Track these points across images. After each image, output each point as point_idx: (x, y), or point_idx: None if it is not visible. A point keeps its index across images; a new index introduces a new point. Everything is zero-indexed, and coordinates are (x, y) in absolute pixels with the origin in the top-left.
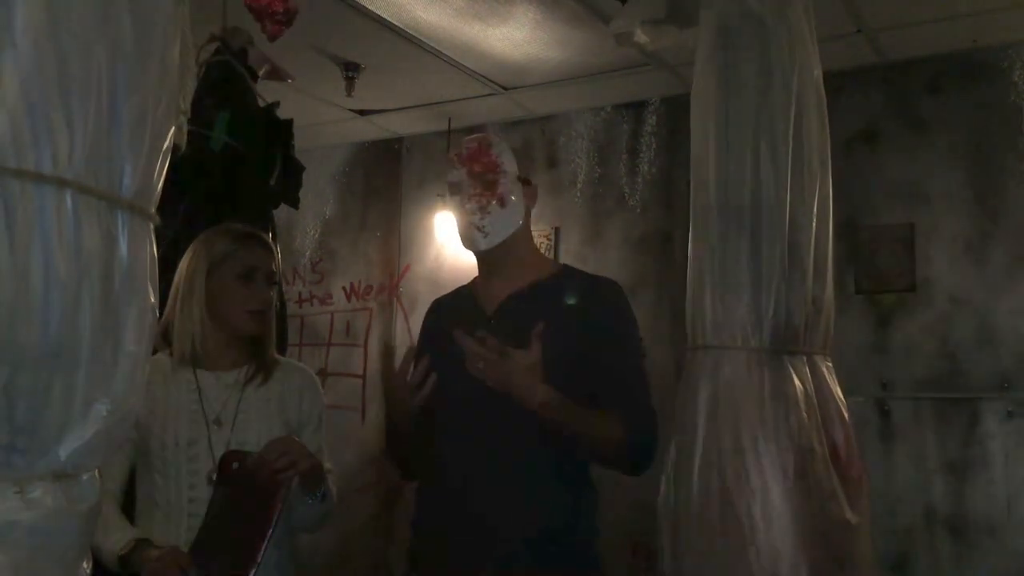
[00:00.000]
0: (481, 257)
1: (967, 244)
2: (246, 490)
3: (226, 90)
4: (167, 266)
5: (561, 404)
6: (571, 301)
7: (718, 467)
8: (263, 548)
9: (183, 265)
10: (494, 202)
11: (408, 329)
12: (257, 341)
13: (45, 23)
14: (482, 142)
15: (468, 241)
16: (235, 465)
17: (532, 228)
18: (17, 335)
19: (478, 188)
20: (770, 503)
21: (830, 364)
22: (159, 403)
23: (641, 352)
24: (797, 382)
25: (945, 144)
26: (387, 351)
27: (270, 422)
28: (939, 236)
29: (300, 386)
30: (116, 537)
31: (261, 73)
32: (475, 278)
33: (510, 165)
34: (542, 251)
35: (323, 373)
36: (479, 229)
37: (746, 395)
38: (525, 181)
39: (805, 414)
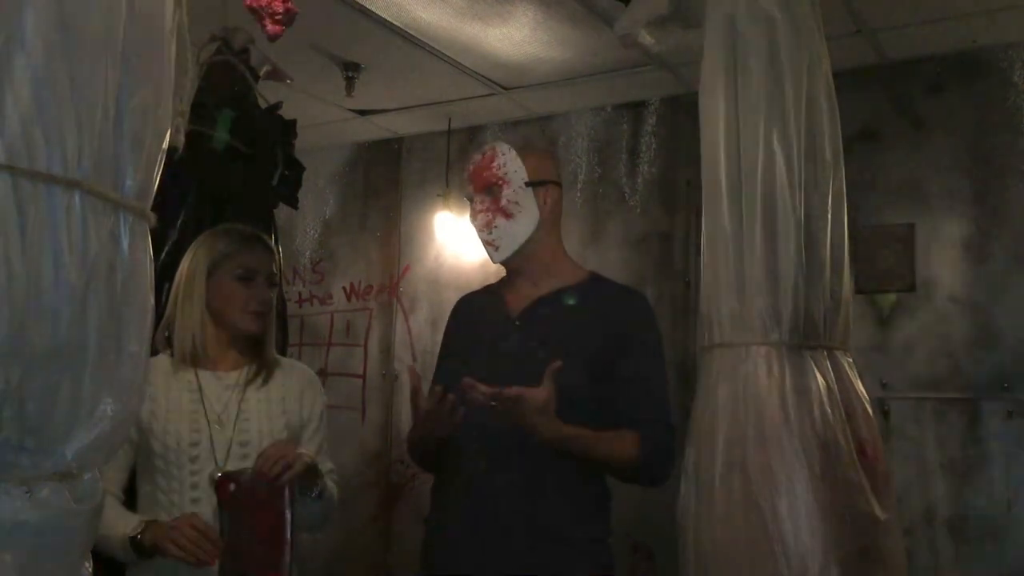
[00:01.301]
0: (503, 264)
1: (967, 244)
2: (251, 508)
3: (228, 90)
4: (171, 268)
5: (570, 437)
6: (597, 310)
7: (741, 465)
8: (286, 559)
9: (183, 266)
10: (498, 215)
11: (408, 329)
12: (257, 342)
13: (55, 25)
14: (487, 154)
15: (487, 254)
16: (232, 487)
17: None
18: (30, 336)
19: (485, 203)
20: (796, 498)
21: (851, 360)
22: (160, 404)
23: (664, 367)
24: (819, 376)
25: (945, 144)
26: (414, 380)
27: (272, 422)
28: (939, 236)
29: (301, 386)
30: (124, 523)
31: (262, 74)
32: (504, 277)
33: (516, 173)
34: None
35: (323, 373)
36: (490, 244)
37: (767, 391)
38: (543, 183)
39: (828, 408)
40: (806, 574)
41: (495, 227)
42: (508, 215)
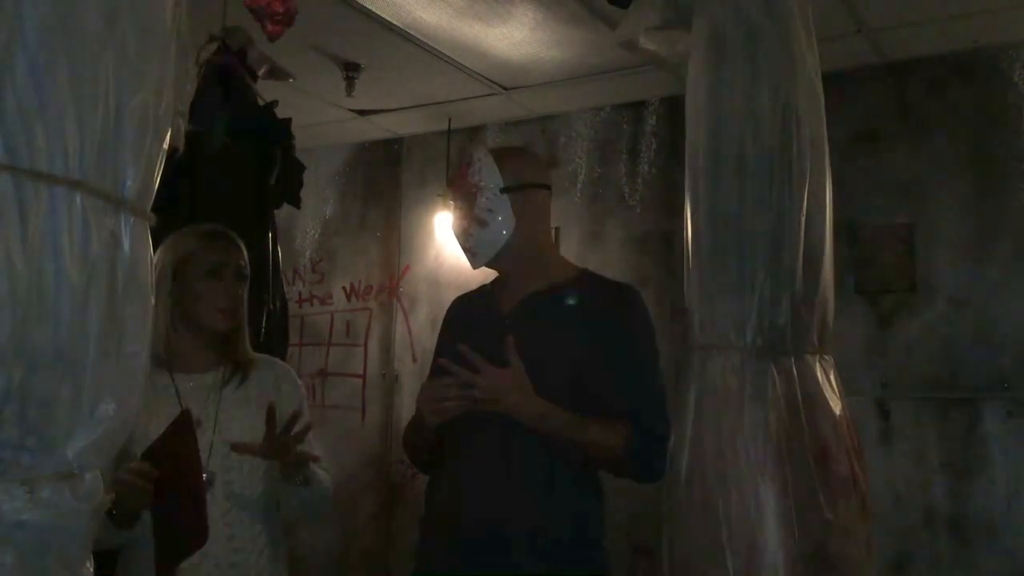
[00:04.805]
0: (487, 267)
1: (967, 244)
2: (162, 458)
3: (226, 91)
4: None
5: (557, 416)
6: (588, 305)
7: (701, 467)
8: (202, 492)
9: None
10: (473, 224)
11: (408, 329)
12: (230, 340)
13: (56, 25)
14: (463, 161)
15: (468, 260)
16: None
17: None
18: (31, 336)
19: (462, 210)
20: (746, 501)
21: (828, 362)
22: None
23: (658, 360)
24: (779, 382)
25: (945, 144)
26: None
27: (252, 420)
28: (939, 236)
29: (276, 378)
30: None
31: (261, 73)
32: (497, 276)
33: (490, 181)
34: None
35: (323, 373)
36: (468, 250)
37: (727, 396)
38: (520, 188)
39: (786, 414)
40: (753, 574)
41: (471, 235)
42: (482, 223)
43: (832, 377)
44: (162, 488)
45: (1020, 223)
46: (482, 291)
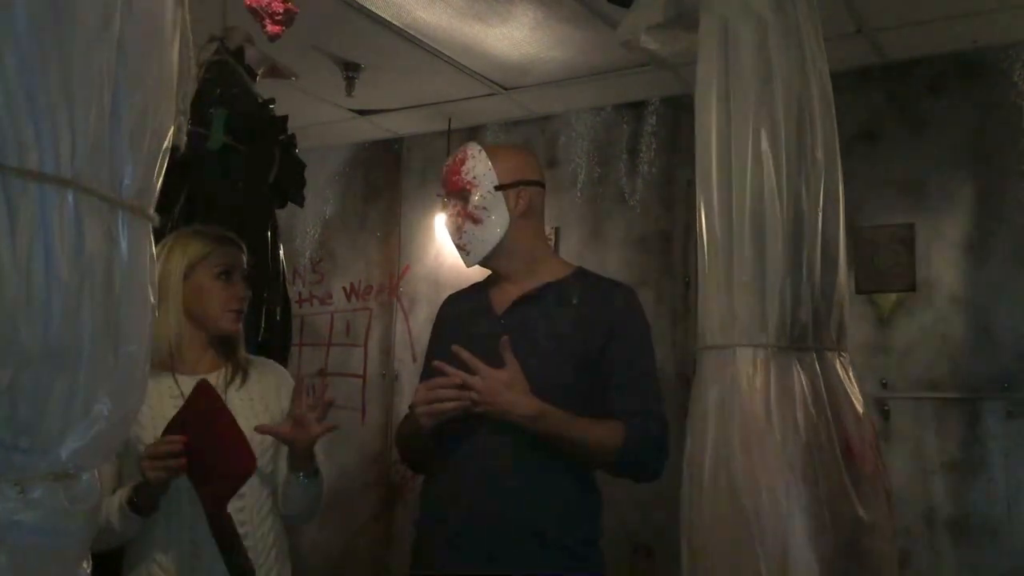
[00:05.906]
0: (480, 265)
1: (967, 244)
2: (200, 423)
3: (224, 90)
4: None
5: (553, 416)
6: (583, 305)
7: (727, 466)
8: (240, 430)
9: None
10: (467, 221)
11: (408, 329)
12: (231, 341)
13: (48, 21)
14: (457, 157)
15: (462, 258)
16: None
17: None
18: (20, 335)
19: (456, 207)
20: (777, 499)
21: (845, 359)
22: (144, 412)
23: (654, 359)
24: (804, 379)
25: (945, 144)
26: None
27: (257, 420)
28: (939, 236)
29: (277, 382)
30: (115, 496)
31: (260, 72)
32: (490, 275)
33: (485, 177)
34: None
35: (323, 373)
36: (461, 248)
37: (752, 393)
38: (514, 185)
39: (813, 410)
40: (786, 573)
41: (465, 232)
42: (476, 220)
43: (851, 374)
44: (192, 445)
45: (1020, 223)
46: (475, 289)
